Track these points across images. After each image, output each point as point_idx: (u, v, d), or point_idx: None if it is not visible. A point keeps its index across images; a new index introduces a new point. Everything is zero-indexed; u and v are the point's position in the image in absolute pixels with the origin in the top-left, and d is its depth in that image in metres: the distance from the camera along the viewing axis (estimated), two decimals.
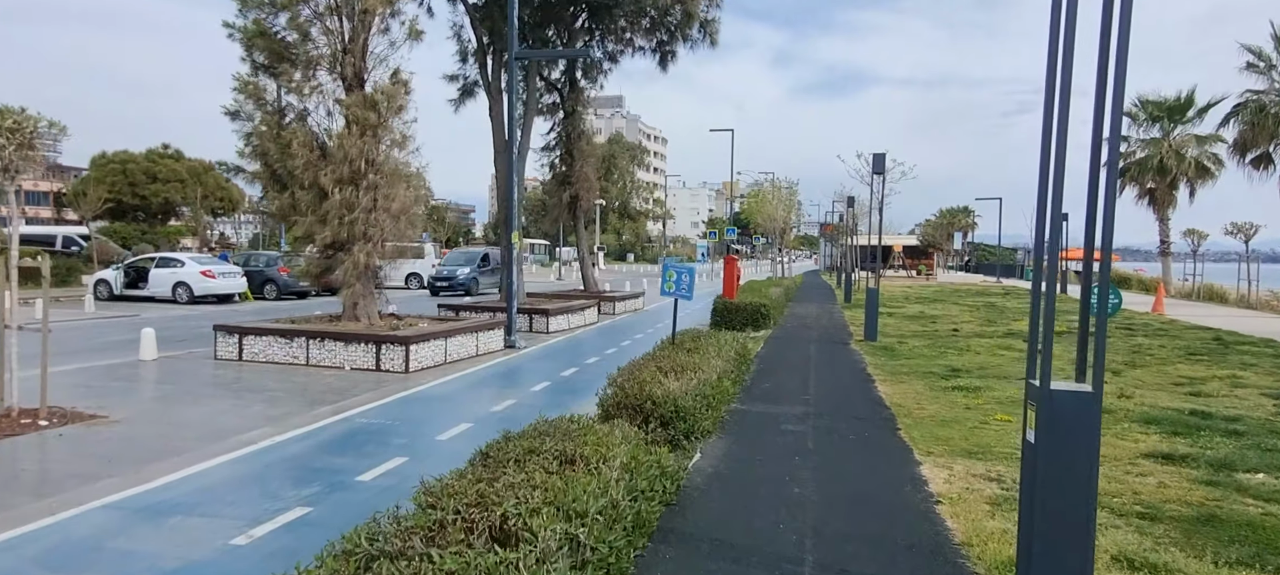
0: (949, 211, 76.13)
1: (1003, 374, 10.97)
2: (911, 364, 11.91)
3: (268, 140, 11.81)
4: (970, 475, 5.99)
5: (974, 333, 16.61)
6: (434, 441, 7.06)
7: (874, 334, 14.55)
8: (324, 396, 9.04)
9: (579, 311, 18.03)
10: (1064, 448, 3.56)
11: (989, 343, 14.66)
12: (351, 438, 7.13)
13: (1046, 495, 3.56)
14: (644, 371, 7.73)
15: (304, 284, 28.62)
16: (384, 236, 12.10)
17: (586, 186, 22.73)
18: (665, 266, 10.46)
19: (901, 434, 7.29)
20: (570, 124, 22.58)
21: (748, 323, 16.91)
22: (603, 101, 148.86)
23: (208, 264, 23.67)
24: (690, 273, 10.35)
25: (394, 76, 12.75)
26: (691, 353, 9.41)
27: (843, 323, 18.82)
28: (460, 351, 12.21)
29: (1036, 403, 3.68)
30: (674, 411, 6.95)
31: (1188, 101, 33.39)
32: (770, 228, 37.38)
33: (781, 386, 9.80)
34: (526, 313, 16.66)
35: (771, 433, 7.31)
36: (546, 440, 4.84)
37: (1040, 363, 3.70)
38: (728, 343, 10.84)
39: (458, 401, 8.95)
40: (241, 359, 11.39)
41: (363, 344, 10.89)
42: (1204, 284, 34.96)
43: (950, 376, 10.66)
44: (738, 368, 10.37)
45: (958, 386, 9.80)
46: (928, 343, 14.63)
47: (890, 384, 10.09)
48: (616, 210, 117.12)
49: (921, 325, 18.42)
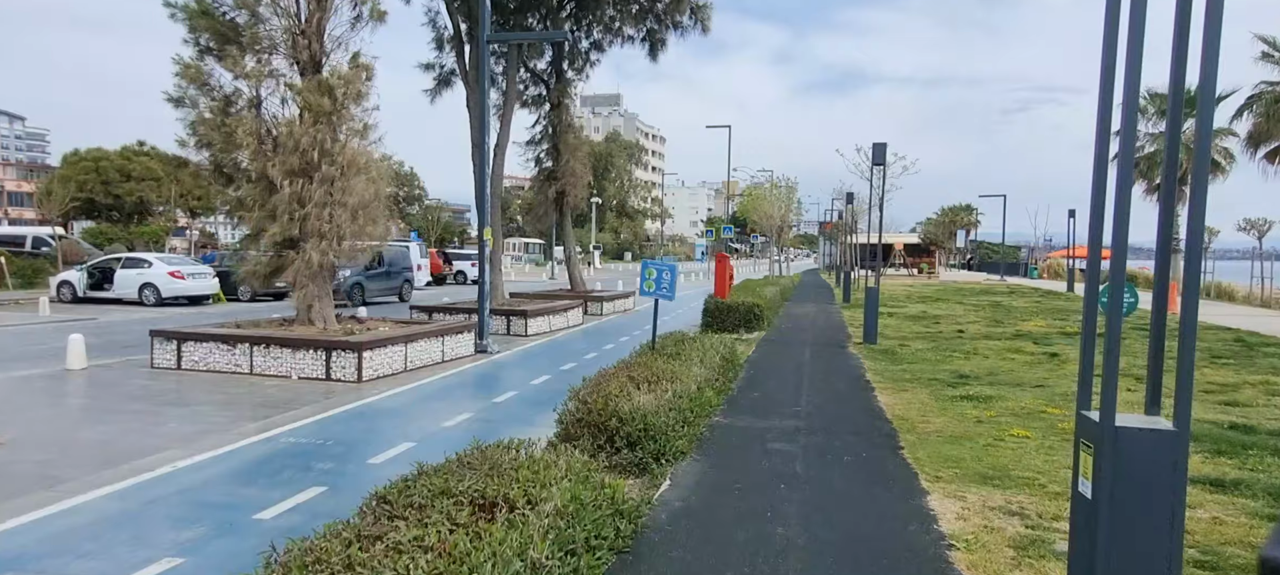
0: (950, 209, 75.22)
1: (1015, 380, 10.00)
2: (914, 369, 10.94)
3: (212, 129, 10.84)
4: (987, 508, 5.02)
5: (980, 334, 15.64)
6: (364, 466, 6.09)
7: (874, 336, 13.58)
8: (256, 410, 8.07)
9: (562, 313, 17.07)
10: (1136, 504, 2.59)
11: (997, 345, 13.69)
12: (269, 462, 6.16)
13: (1112, 566, 2.60)
14: (612, 382, 6.77)
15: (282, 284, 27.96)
16: (340, 233, 11.13)
17: (574, 181, 21.76)
18: (644, 265, 9.52)
19: (905, 454, 6.32)
20: (556, 116, 21.61)
21: (740, 324, 15.95)
22: (600, 100, 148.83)
23: (177, 264, 22.68)
24: (671, 271, 9.40)
25: (354, 60, 11.79)
26: (672, 359, 8.45)
27: (841, 324, 17.86)
28: (423, 358, 11.24)
29: (1095, 443, 2.70)
30: (642, 430, 6.00)
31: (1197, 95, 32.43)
32: (768, 226, 36.40)
33: (771, 396, 8.83)
34: (504, 314, 15.69)
35: (756, 453, 6.34)
36: (467, 476, 3.87)
37: (1100, 390, 2.72)
38: (714, 347, 9.88)
39: (407, 416, 7.98)
40: (180, 368, 10.42)
41: (311, 350, 9.92)
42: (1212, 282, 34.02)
43: (957, 384, 9.69)
44: (723, 375, 9.41)
45: (966, 396, 8.83)
46: (931, 345, 13.66)
47: (891, 393, 9.12)
48: (614, 209, 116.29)
49: (924, 326, 17.46)
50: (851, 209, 27.95)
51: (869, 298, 13.70)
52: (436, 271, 38.57)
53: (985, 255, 73.64)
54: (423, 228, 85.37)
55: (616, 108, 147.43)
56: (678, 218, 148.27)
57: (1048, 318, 19.39)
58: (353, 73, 11.58)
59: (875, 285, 13.71)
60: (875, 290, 13.69)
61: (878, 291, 13.68)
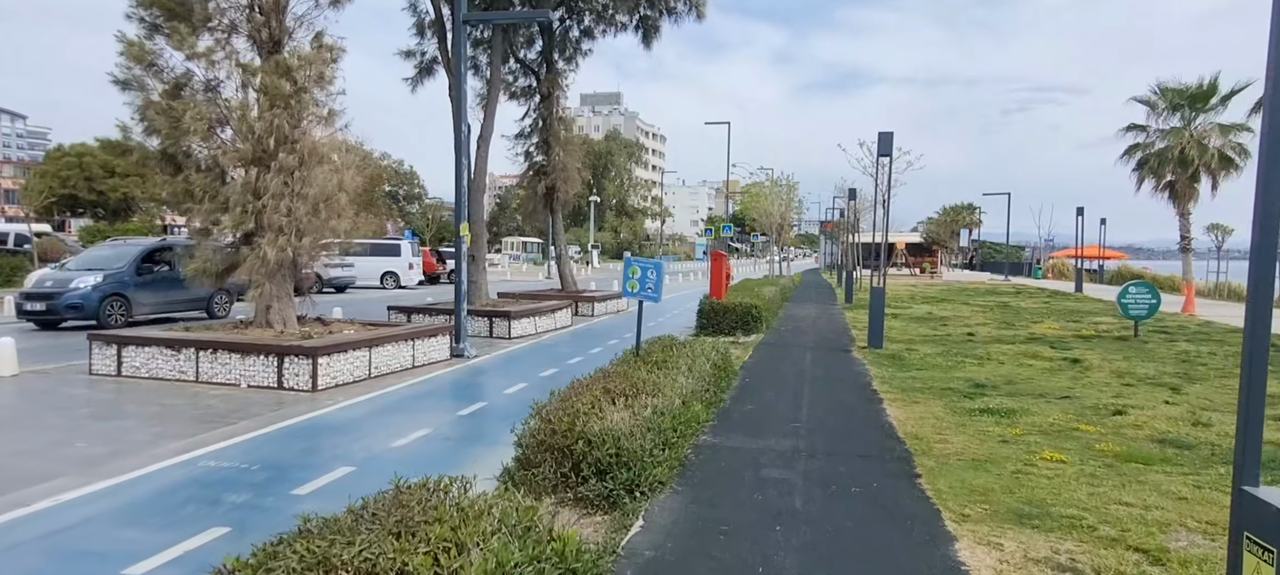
0: (952, 209, 74.20)
1: (1036, 390, 9.07)
2: (925, 377, 10.02)
3: (159, 114, 9.92)
4: (1029, 559, 4.10)
5: (991, 337, 14.71)
6: (286, 499, 5.18)
7: (879, 340, 12.64)
8: (187, 426, 7.15)
9: (550, 314, 16.15)
10: None
11: (1011, 350, 12.75)
12: (174, 494, 5.25)
13: None
14: (584, 397, 5.86)
15: None
16: (300, 228, 10.22)
17: (564, 177, 20.85)
18: (627, 263, 8.62)
19: (923, 484, 5.40)
20: (546, 108, 20.70)
21: (737, 326, 15.04)
22: (600, 99, 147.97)
23: None
24: (657, 270, 8.49)
25: (317, 40, 10.88)
26: (657, 367, 7.54)
27: (844, 326, 16.93)
28: (391, 363, 10.32)
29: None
30: (614, 455, 5.08)
31: (1211, 89, 31.42)
32: (767, 224, 35.46)
33: (768, 409, 7.91)
34: (486, 315, 14.77)
35: (747, 482, 5.43)
36: (360, 537, 2.96)
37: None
38: (705, 353, 8.96)
39: (355, 433, 7.06)
40: (120, 375, 9.51)
41: (262, 356, 9.00)
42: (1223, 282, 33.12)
43: (974, 394, 8.77)
44: (714, 385, 8.49)
45: (986, 409, 7.90)
46: (941, 350, 12.73)
47: (902, 404, 8.19)
48: (614, 208, 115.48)
49: (931, 328, 16.53)
50: (854, 206, 27.02)
51: (874, 299, 12.77)
52: (430, 270, 37.67)
53: (988, 255, 72.66)
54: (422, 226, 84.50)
55: (616, 106, 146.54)
56: (678, 217, 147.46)
57: (1060, 320, 18.45)
58: (315, 54, 10.68)
59: (881, 286, 12.78)
60: (881, 291, 12.76)
61: (883, 293, 12.75)
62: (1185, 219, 32.78)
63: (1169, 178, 32.47)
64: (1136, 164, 33.57)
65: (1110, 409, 7.91)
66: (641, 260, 8.61)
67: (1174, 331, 15.50)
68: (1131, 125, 33.40)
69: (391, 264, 32.91)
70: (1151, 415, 7.59)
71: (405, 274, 33.00)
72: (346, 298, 25.79)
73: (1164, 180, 32.62)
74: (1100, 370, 10.64)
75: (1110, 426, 7.17)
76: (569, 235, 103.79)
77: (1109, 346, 13.18)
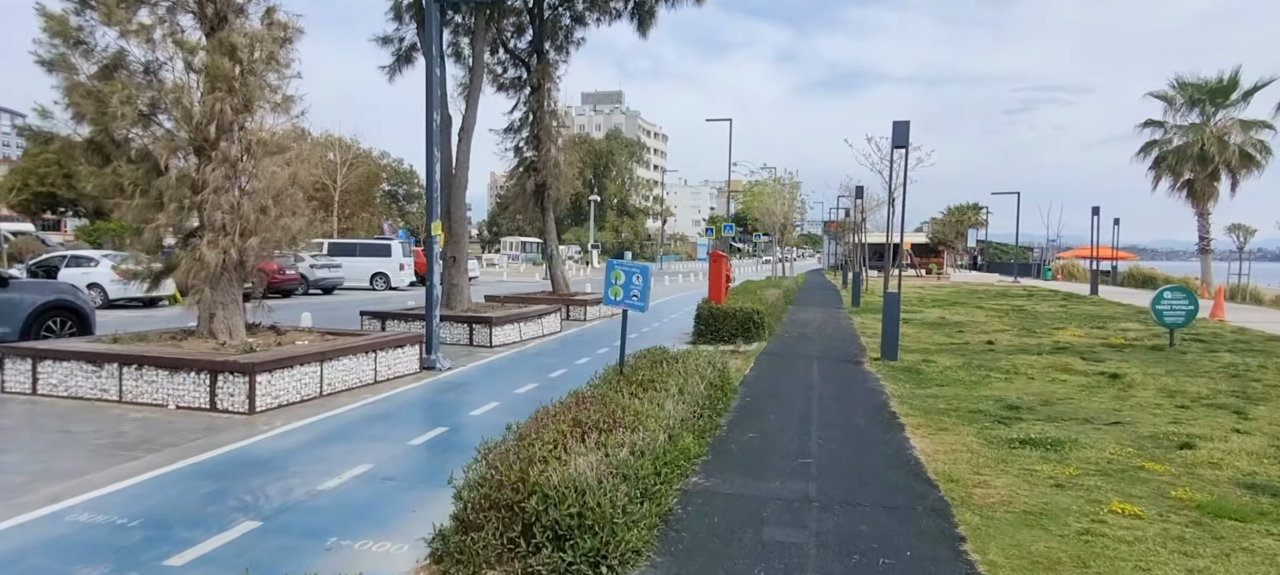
0: (957, 209, 72.94)
1: (1079, 413, 7.92)
2: (949, 396, 8.88)
3: (84, 96, 8.80)
4: None
5: (1014, 346, 13.55)
6: (153, 571, 4.04)
7: (894, 351, 11.48)
8: (80, 462, 6.02)
9: (536, 319, 15.01)
10: None
11: (1038, 362, 11.60)
12: (10, 565, 4.12)
13: None
14: (548, 431, 4.76)
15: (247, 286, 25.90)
16: (247, 227, 9.10)
17: (556, 173, 19.74)
18: (609, 266, 7.50)
19: (969, 552, 4.26)
20: (537, 101, 19.59)
21: (737, 333, 13.91)
22: (602, 97, 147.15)
23: None
24: (643, 274, 7.37)
25: (267, 17, 9.77)
26: (643, 388, 6.42)
27: (852, 332, 15.78)
28: (348, 379, 9.20)
29: None
30: (576, 515, 3.97)
31: (1231, 83, 30.24)
32: (770, 224, 34.30)
33: (772, 438, 6.77)
34: (466, 322, 13.64)
35: (747, 548, 4.29)
36: None
37: None
38: (700, 369, 7.83)
39: (281, 471, 5.93)
40: (35, 393, 8.38)
41: (192, 373, 7.87)
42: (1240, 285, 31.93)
43: (1009, 419, 7.62)
44: (710, 408, 7.36)
45: (1026, 439, 6.75)
46: (961, 362, 11.58)
47: (927, 433, 7.05)
48: (614, 207, 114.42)
49: (946, 335, 15.38)
50: (861, 205, 25.84)
51: (888, 305, 11.61)
52: (422, 271, 36.61)
53: (994, 255, 71.40)
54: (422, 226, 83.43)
55: (618, 105, 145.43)
56: (680, 216, 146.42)
57: (1083, 326, 17.29)
58: (265, 32, 9.56)
59: (895, 289, 11.62)
60: (895, 296, 11.60)
61: (898, 297, 11.59)
62: (1204, 219, 31.62)
63: (1187, 176, 31.32)
64: (1153, 161, 32.43)
65: (1173, 440, 6.75)
66: (626, 264, 7.48)
67: (1210, 340, 14.33)
68: (1148, 121, 32.26)
69: (382, 265, 31.85)
70: (1226, 449, 6.43)
71: (396, 275, 31.93)
72: (330, 301, 24.74)
73: (1182, 178, 31.46)
74: (1145, 387, 9.49)
75: (1181, 465, 6.02)
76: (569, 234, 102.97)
77: (1145, 358, 12.02)
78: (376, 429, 7.38)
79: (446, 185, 14.85)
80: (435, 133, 10.79)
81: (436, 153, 10.81)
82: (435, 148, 10.79)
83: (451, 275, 14.85)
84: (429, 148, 10.81)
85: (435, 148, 10.79)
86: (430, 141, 10.78)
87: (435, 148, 10.79)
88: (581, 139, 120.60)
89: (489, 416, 7.91)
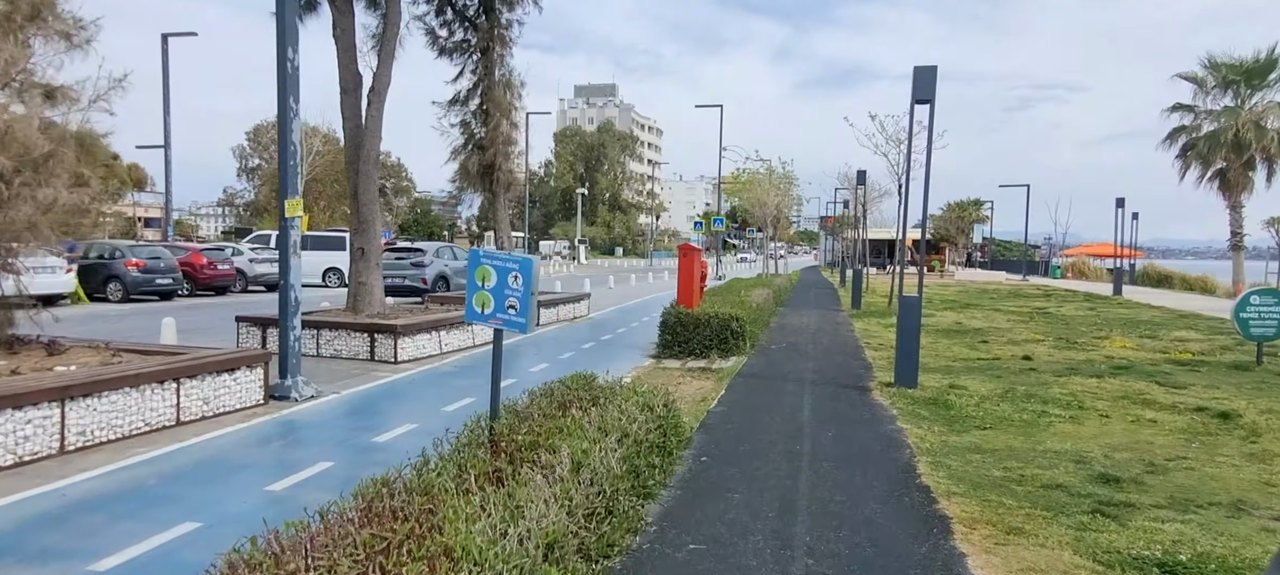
0: (958, 204, 70.18)
1: (1210, 487, 5.08)
2: (1000, 449, 6.04)
3: None
4: None
5: (1058, 363, 10.72)
6: None
7: (913, 376, 8.62)
8: None
9: (457, 326, 12.14)
10: None
11: (1100, 388, 8.78)
12: None
13: None
14: None
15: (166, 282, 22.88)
16: None
17: (506, 151, 16.88)
18: (473, 262, 4.67)
19: None
20: (486, 66, 16.72)
21: (712, 345, 11.10)
22: (595, 90, 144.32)
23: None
24: (525, 272, 4.53)
25: None
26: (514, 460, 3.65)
27: (854, 345, 12.93)
28: (123, 422, 6.33)
29: None
30: None
31: (1269, 62, 27.43)
32: (761, 216, 31.44)
33: (725, 556, 3.93)
34: (366, 331, 10.78)
35: None
36: None
37: None
38: (633, 413, 5.00)
39: None
40: None
41: None
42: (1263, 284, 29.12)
43: (1113, 507, 4.77)
44: (634, 485, 4.52)
45: (1167, 563, 3.91)
46: (997, 386, 8.75)
47: (988, 537, 4.21)
48: (606, 202, 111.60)
49: (968, 346, 12.56)
50: (863, 192, 22.99)
51: (905, 313, 8.65)
52: None
53: (997, 252, 68.67)
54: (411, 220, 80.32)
55: (611, 98, 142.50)
56: (675, 212, 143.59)
57: (1127, 334, 14.50)
58: None
59: (917, 292, 8.74)
60: (915, 301, 8.69)
61: (919, 304, 8.70)
62: (1237, 211, 28.84)
63: (1219, 165, 28.51)
64: (1181, 149, 29.61)
65: None
66: (500, 257, 4.62)
67: None
68: (1176, 105, 29.40)
69: (335, 259, 28.87)
70: None
71: None
72: (266, 298, 21.87)
73: (1213, 167, 28.66)
74: (1274, 433, 6.67)
75: None
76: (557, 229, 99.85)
77: (1238, 382, 9.21)
78: (106, 518, 4.51)
79: (353, 159, 11.99)
80: (291, 77, 7.91)
81: (293, 103, 7.93)
82: (291, 96, 7.92)
83: (359, 271, 11.99)
84: (284, 98, 7.93)
85: (291, 96, 7.92)
86: (285, 90, 7.90)
87: (291, 96, 7.92)
88: (573, 132, 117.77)
89: (301, 491, 5.07)
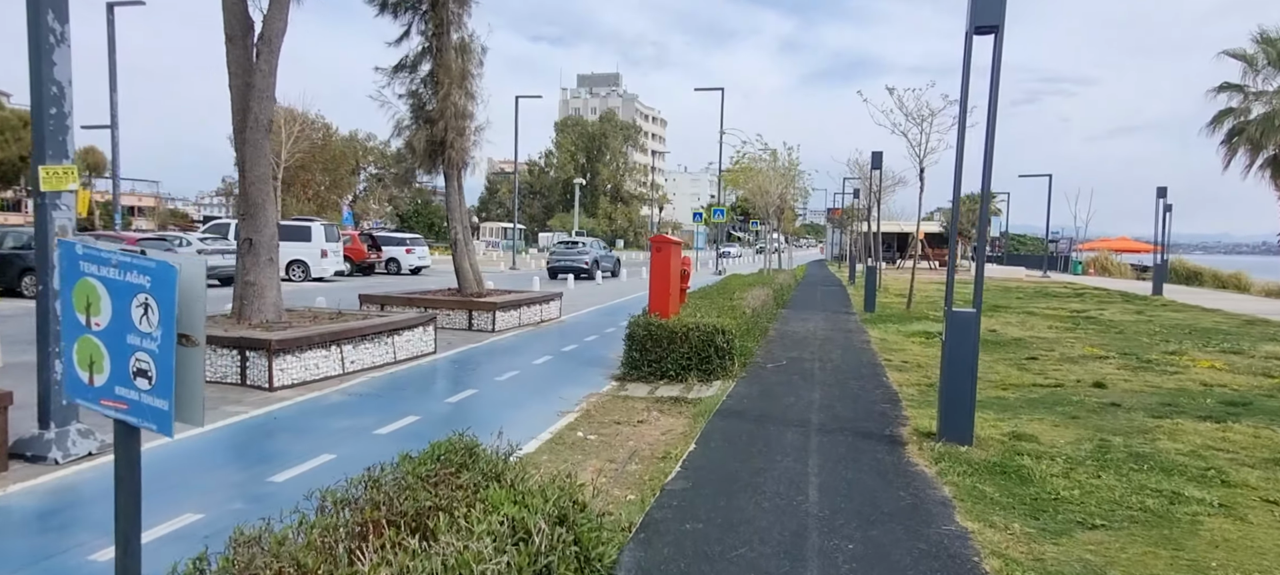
0: (972, 197, 67.41)
1: None
2: None
3: None
4: None
5: (1147, 394, 8.12)
6: None
7: (967, 429, 6.01)
8: None
9: (383, 336, 9.60)
10: None
11: (1229, 439, 6.21)
12: None
13: None
14: None
15: None
16: None
17: (459, 127, 14.32)
18: (68, 267, 2.00)
19: None
20: (436, 25, 14.15)
21: (690, 365, 8.57)
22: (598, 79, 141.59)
23: None
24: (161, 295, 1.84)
25: None
26: None
27: (872, 366, 10.28)
28: None
29: None
30: None
31: None
32: (763, 206, 28.82)
33: None
34: (237, 346, 8.23)
35: None
36: None
37: None
38: (496, 533, 2.44)
39: None
40: None
41: None
42: None
43: None
44: None
45: None
46: (1083, 436, 6.19)
47: None
48: (608, 193, 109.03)
49: (1016, 366, 9.97)
50: (879, 176, 20.31)
51: (956, 337, 6.04)
52: (360, 258, 31.24)
53: (1011, 246, 65.88)
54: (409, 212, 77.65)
55: (615, 87, 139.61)
56: (680, 204, 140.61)
57: (1197, 344, 11.89)
58: None
59: (970, 305, 6.12)
60: (973, 318, 6.07)
61: (978, 320, 6.09)
62: None
63: (1271, 150, 25.75)
64: (1227, 134, 26.84)
65: None
66: (117, 260, 2.02)
67: None
68: (1224, 84, 26.58)
69: (299, 251, 26.41)
70: None
71: (317, 263, 26.55)
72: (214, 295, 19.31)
73: (1265, 154, 25.90)
74: None
75: None
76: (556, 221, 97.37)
77: None
78: None
79: (241, 126, 9.44)
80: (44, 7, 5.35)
81: (52, 21, 5.38)
82: (51, 12, 5.36)
83: (246, 268, 9.42)
84: (33, 28, 5.37)
85: (51, 12, 5.36)
86: (36, 23, 5.35)
87: (51, 12, 5.36)
88: (574, 121, 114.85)
89: None
